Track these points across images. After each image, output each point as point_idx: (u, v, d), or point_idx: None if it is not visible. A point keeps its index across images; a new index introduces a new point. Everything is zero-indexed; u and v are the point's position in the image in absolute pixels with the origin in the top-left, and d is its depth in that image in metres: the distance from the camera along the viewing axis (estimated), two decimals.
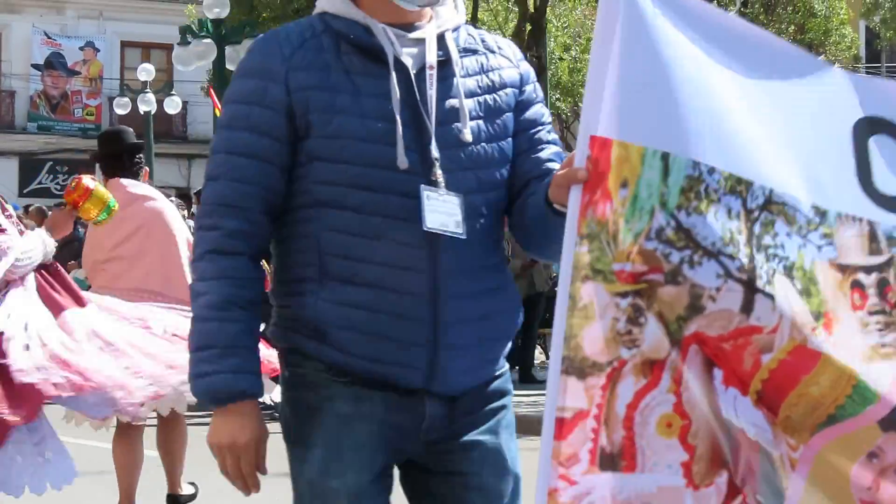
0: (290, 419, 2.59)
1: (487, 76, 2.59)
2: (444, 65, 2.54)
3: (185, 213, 16.27)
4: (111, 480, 6.23)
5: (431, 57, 2.52)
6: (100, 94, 32.92)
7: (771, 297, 2.24)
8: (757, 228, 2.28)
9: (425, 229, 2.44)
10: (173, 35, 20.28)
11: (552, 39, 20.73)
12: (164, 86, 28.79)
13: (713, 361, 2.27)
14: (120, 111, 26.56)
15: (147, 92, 24.33)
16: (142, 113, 24.07)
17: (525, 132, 2.61)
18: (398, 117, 2.46)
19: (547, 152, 2.61)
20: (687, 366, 2.26)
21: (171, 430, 6.23)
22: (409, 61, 2.51)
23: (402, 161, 2.45)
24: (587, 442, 2.23)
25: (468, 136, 2.52)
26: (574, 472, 2.23)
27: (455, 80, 2.54)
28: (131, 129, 6.96)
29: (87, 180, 5.62)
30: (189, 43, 17.56)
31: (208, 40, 17.25)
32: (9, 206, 5.15)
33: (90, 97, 32.98)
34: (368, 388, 2.50)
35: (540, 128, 2.64)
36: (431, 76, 2.51)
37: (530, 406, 10.13)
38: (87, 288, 6.08)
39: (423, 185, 2.46)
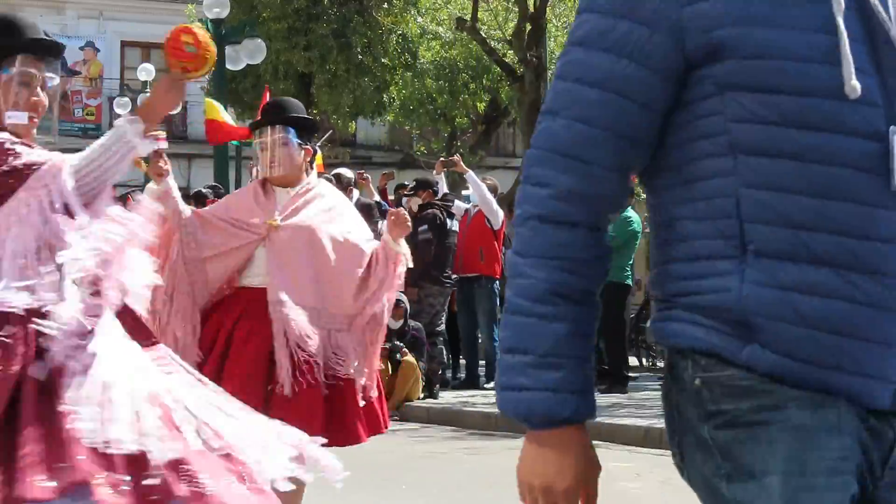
0: (706, 448, 1.89)
1: None
2: None
3: None
4: None
5: None
6: (100, 93, 32.93)
7: None
8: None
9: (894, 189, 1.81)
10: None
11: (552, 39, 20.72)
12: None
13: None
14: (120, 111, 26.59)
15: (147, 92, 24.36)
16: None
17: None
18: (842, 26, 1.80)
19: None
20: None
21: None
22: None
23: (853, 86, 1.79)
24: None
25: None
26: None
27: None
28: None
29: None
30: None
31: None
32: None
33: (90, 97, 32.98)
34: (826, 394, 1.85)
35: None
36: None
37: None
38: None
39: (894, 127, 1.82)
